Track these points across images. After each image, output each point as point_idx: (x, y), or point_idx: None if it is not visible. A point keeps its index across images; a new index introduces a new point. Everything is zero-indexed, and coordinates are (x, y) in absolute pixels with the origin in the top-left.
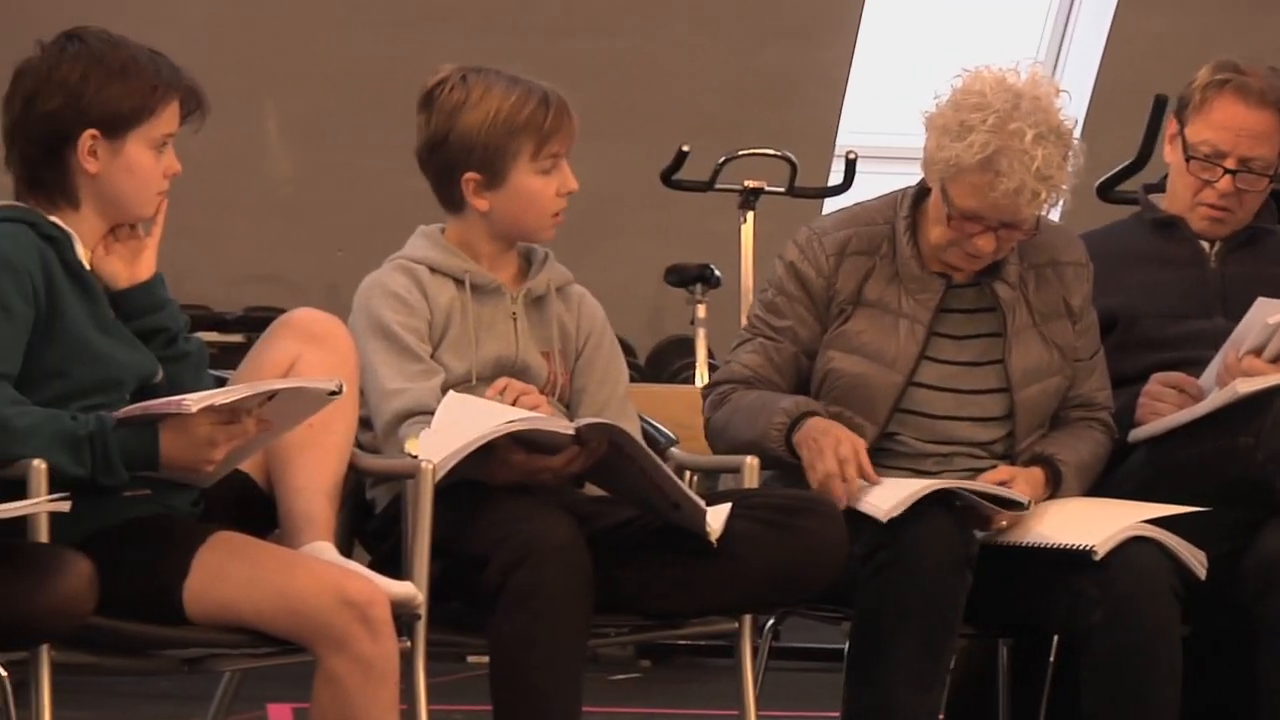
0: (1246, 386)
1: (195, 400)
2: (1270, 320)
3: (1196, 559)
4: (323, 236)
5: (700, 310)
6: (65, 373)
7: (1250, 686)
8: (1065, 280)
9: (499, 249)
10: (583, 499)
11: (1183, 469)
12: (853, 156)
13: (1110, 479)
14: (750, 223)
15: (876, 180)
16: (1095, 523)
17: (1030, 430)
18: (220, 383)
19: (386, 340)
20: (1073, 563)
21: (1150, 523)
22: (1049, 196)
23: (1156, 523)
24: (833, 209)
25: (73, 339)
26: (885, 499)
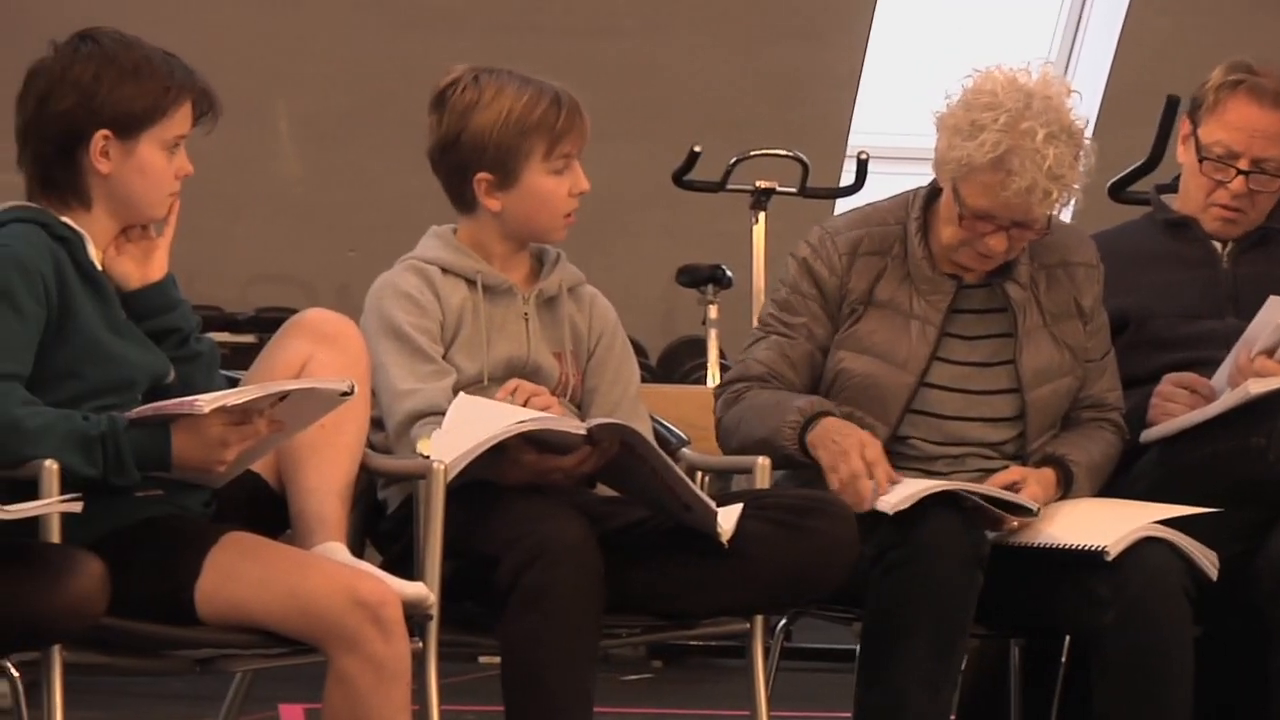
0: (1258, 387)
1: (207, 401)
2: None
3: (1208, 559)
4: (334, 237)
5: (712, 311)
6: (77, 373)
7: (1262, 687)
8: (1076, 280)
9: (511, 249)
10: (594, 499)
11: (1194, 470)
12: (864, 157)
13: (1122, 480)
14: (762, 223)
15: (888, 181)
16: (1107, 523)
17: (1041, 431)
18: (232, 383)
19: (398, 341)
20: (1084, 563)
21: (1162, 523)
22: (1060, 196)
23: (1168, 523)
24: (844, 209)
25: (85, 340)
26: (892, 495)
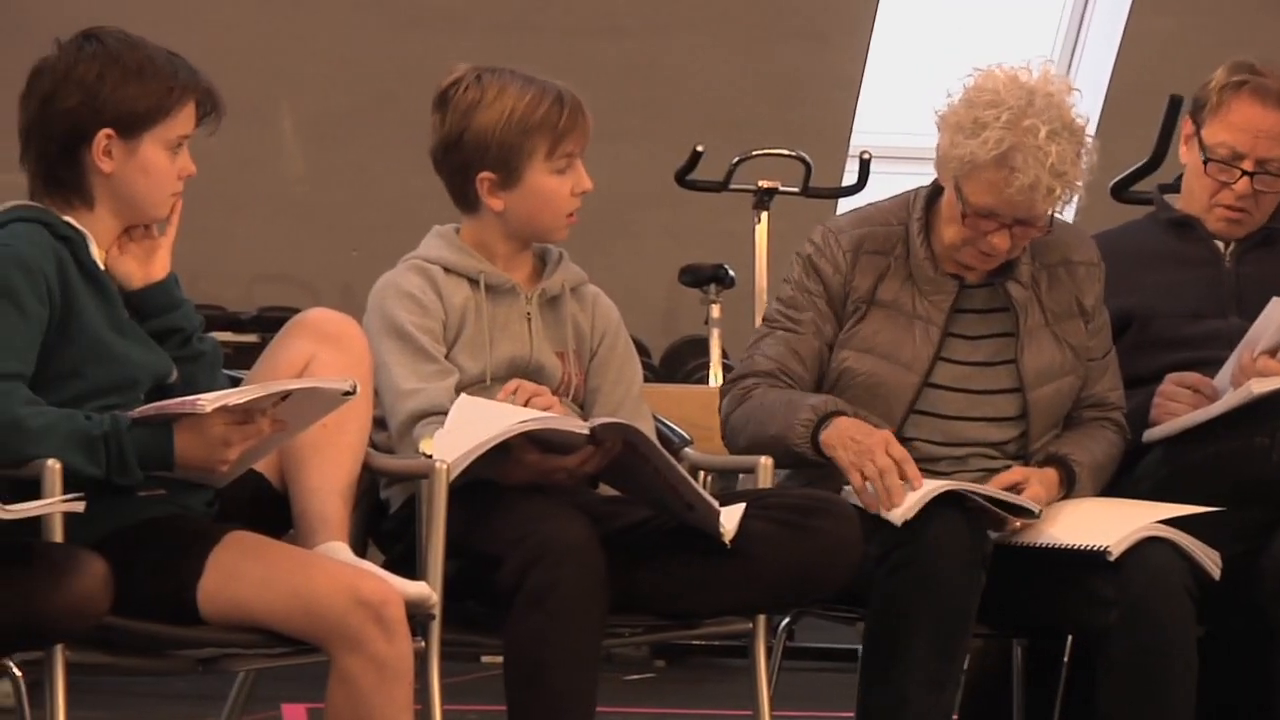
0: (1261, 387)
1: (210, 400)
2: None
3: (1210, 559)
4: (337, 237)
5: (714, 310)
6: (81, 373)
7: (1264, 687)
8: (1078, 279)
9: (514, 249)
10: (597, 499)
11: (1197, 469)
12: (867, 156)
13: (1125, 480)
14: (764, 223)
15: (890, 180)
16: (1110, 523)
17: (1044, 430)
18: (235, 383)
19: (401, 340)
20: (1087, 563)
21: (1165, 523)
22: (1064, 192)
23: (1171, 523)
24: (846, 209)
25: (88, 339)
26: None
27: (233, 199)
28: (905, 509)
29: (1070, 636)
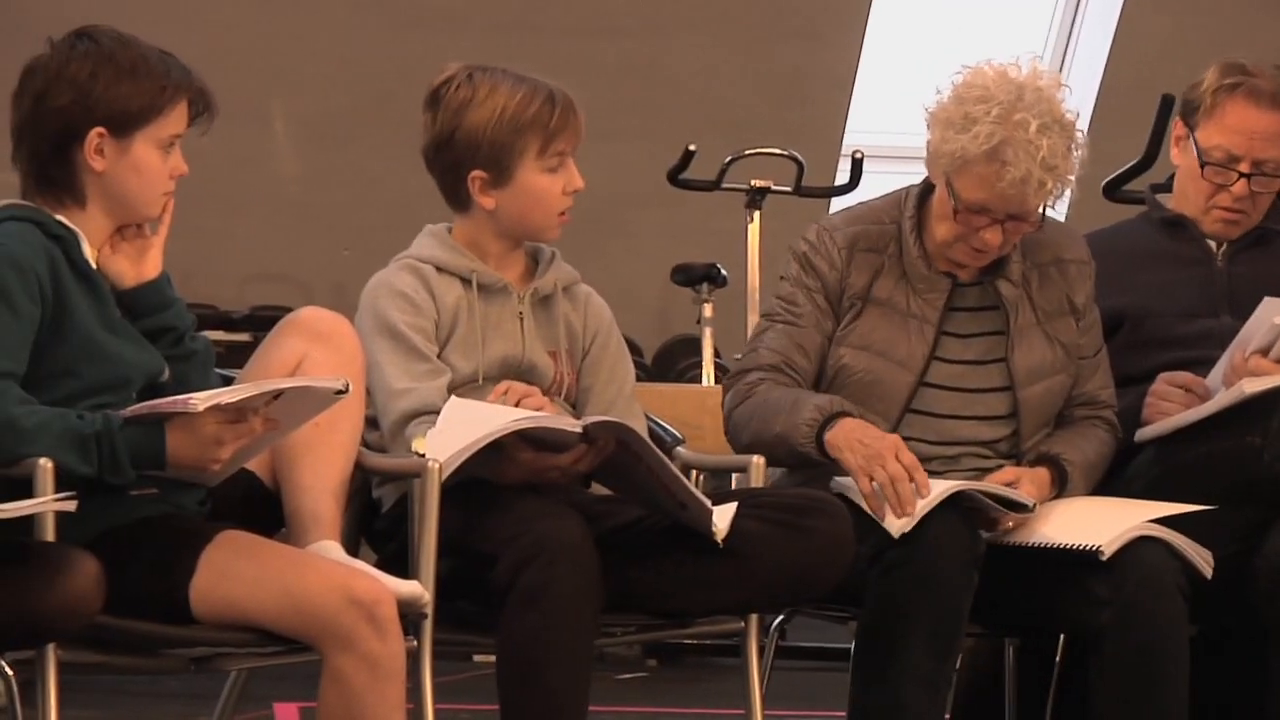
0: (1253, 386)
1: (202, 399)
2: (1277, 320)
3: (1203, 559)
4: (330, 236)
5: (707, 309)
6: (73, 372)
7: (1258, 686)
8: (1068, 278)
9: (506, 248)
10: (590, 498)
11: (1190, 469)
12: (859, 156)
13: (1118, 479)
14: (757, 222)
15: (882, 180)
16: (1102, 523)
17: (1035, 429)
18: (227, 381)
19: (393, 340)
20: (1080, 563)
21: (1157, 522)
22: (1055, 186)
23: (1163, 522)
24: (839, 208)
25: (80, 338)
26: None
27: (225, 198)
28: (907, 521)
29: (1063, 636)
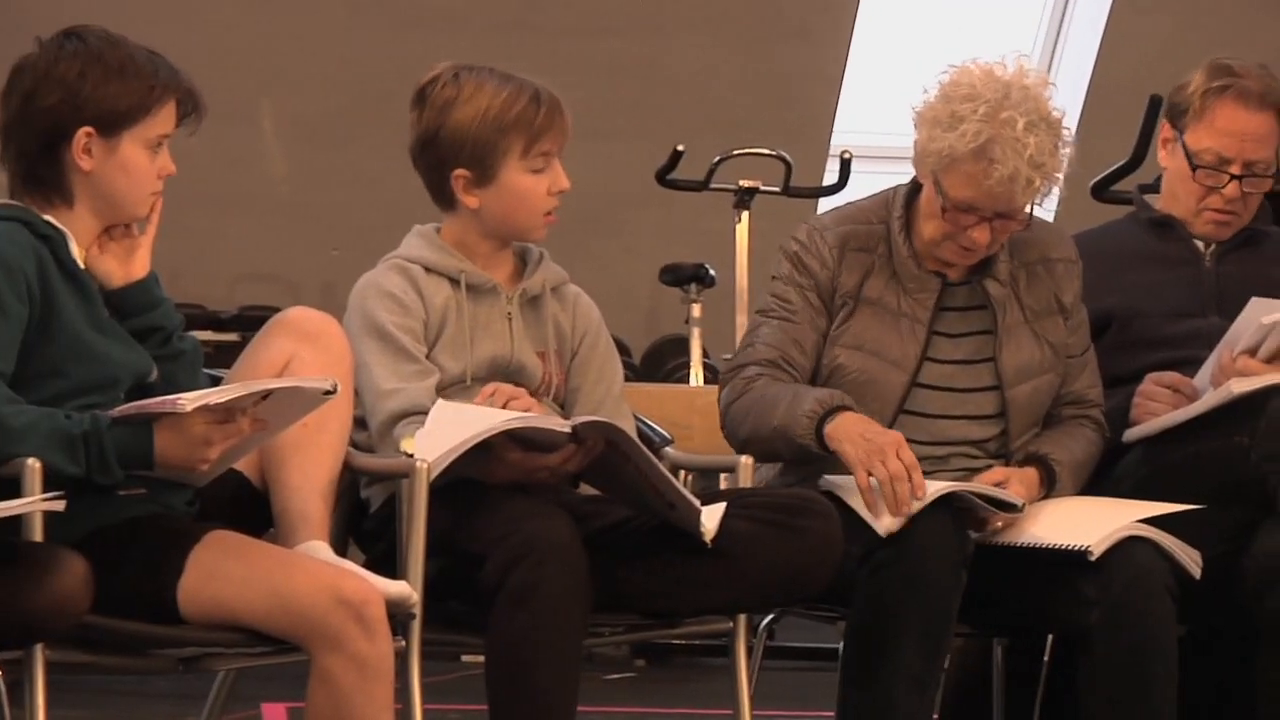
0: (1241, 386)
1: (190, 399)
2: (1265, 320)
3: (1191, 558)
4: (318, 236)
5: (695, 310)
6: (61, 372)
7: (1247, 687)
8: (1056, 277)
9: (493, 248)
10: (578, 498)
11: (1178, 469)
12: (848, 156)
13: (1106, 479)
14: (745, 222)
15: (871, 180)
16: (1091, 523)
17: (1024, 428)
18: (215, 382)
19: (382, 340)
20: (1069, 563)
21: (1146, 522)
22: (1042, 184)
23: (1152, 522)
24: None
25: (68, 338)
26: (885, 516)
27: (214, 198)
28: (895, 521)
29: (1051, 636)
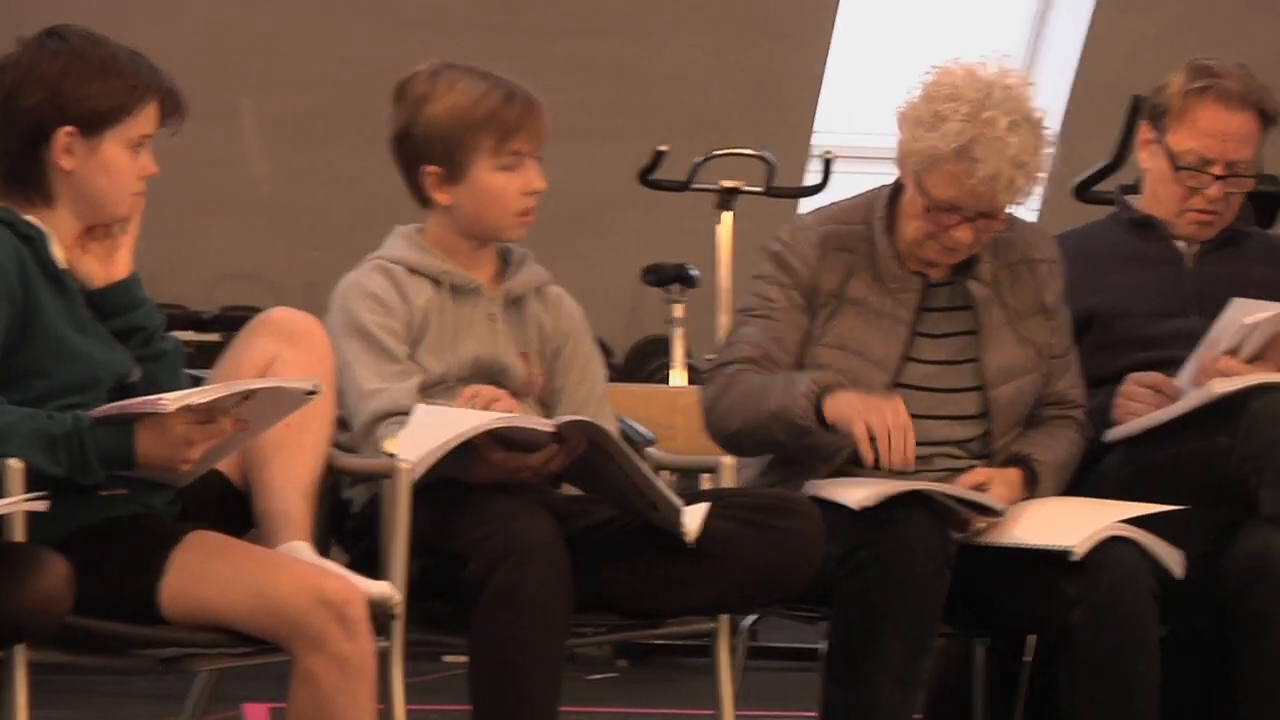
0: (1223, 387)
1: (172, 399)
2: (1246, 320)
3: (1174, 559)
4: (300, 236)
5: (678, 310)
6: (43, 372)
7: (1228, 686)
8: (1039, 277)
9: (472, 247)
10: (561, 498)
11: (1160, 469)
12: (829, 156)
13: (1088, 479)
14: (727, 222)
15: (852, 180)
16: (1073, 523)
17: (1006, 428)
18: (197, 382)
19: (364, 341)
20: (1052, 563)
21: (1128, 522)
22: (1025, 183)
23: (1134, 522)
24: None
25: (50, 338)
26: (857, 492)
27: (195, 198)
28: (864, 496)
29: (1034, 636)
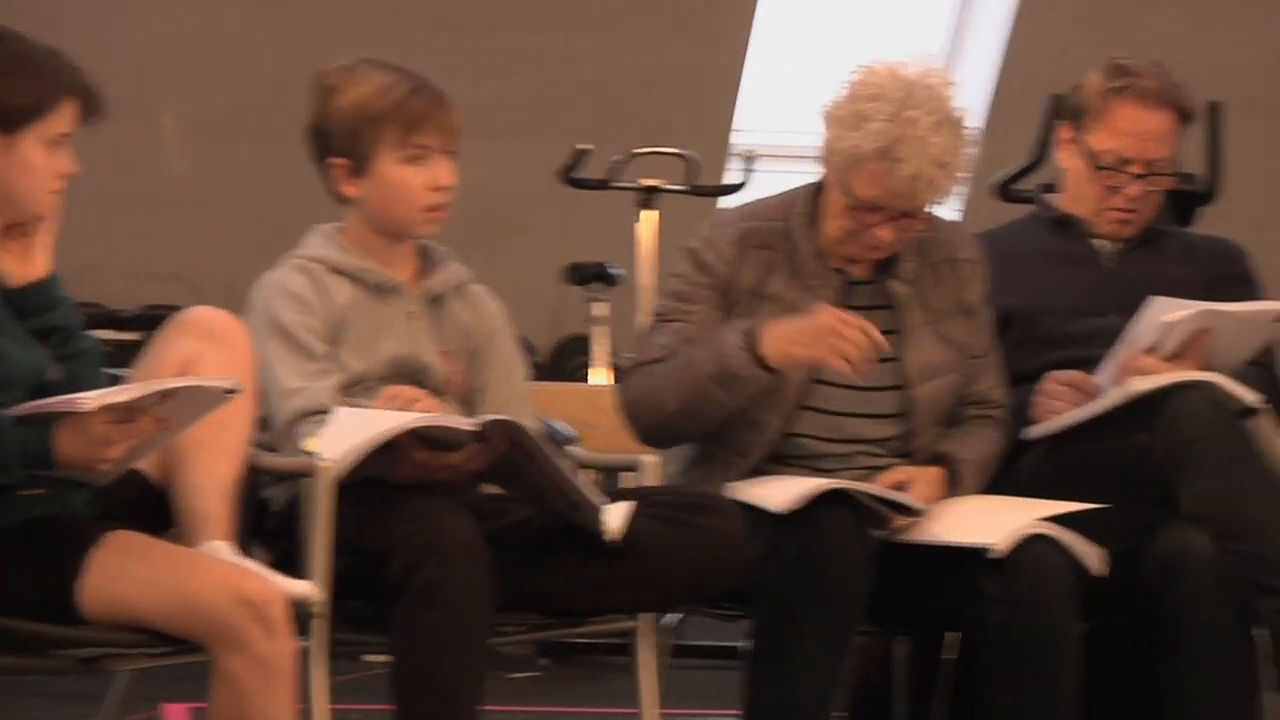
0: (1142, 385)
1: (91, 398)
2: (1165, 319)
3: (1094, 557)
4: (221, 235)
5: (599, 308)
6: None
7: (1150, 682)
8: (960, 277)
9: (388, 244)
10: (482, 497)
11: (1080, 467)
12: (750, 155)
13: (1007, 477)
14: (648, 221)
15: (774, 179)
16: (994, 521)
17: (927, 427)
18: (116, 381)
19: (284, 339)
20: (972, 561)
21: (1049, 520)
22: (947, 183)
23: (1055, 520)
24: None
25: None
26: (780, 493)
27: (115, 196)
28: (789, 500)
29: (955, 634)
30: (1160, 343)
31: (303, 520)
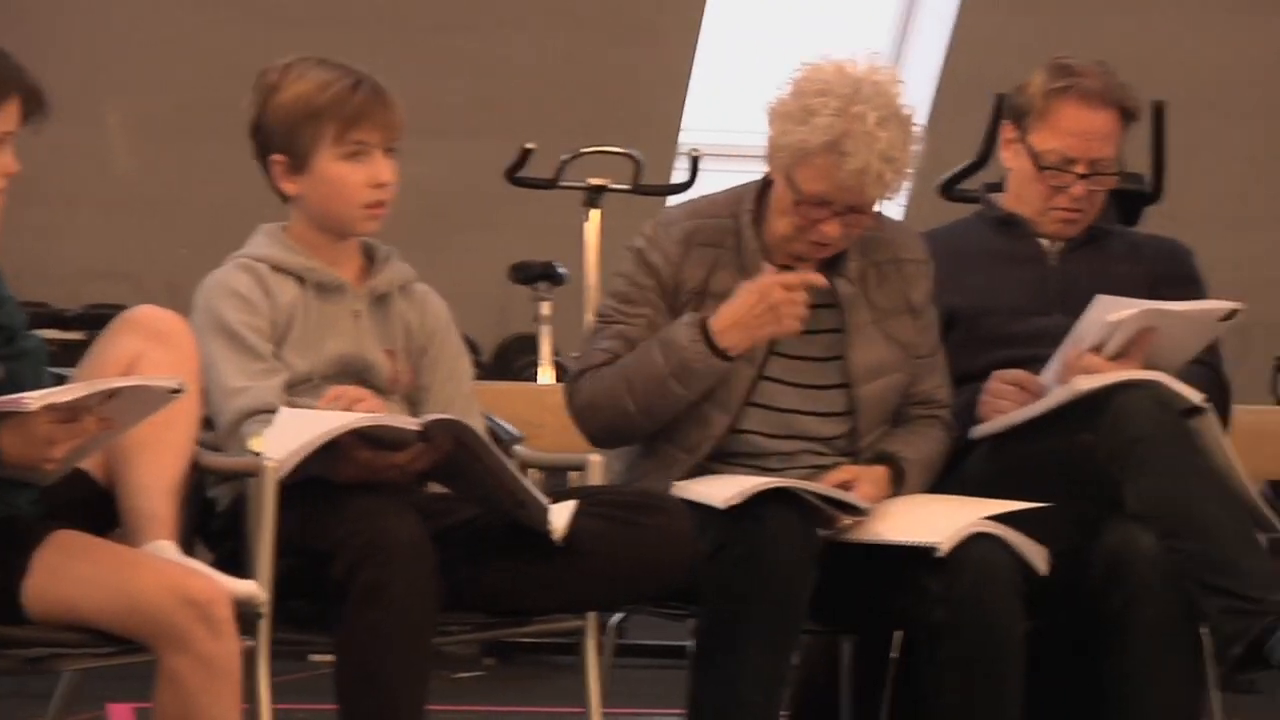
0: (1086, 384)
1: (35, 398)
2: (1109, 318)
3: (1038, 555)
4: (165, 233)
5: (545, 307)
6: None
7: (1094, 681)
8: (906, 276)
9: (331, 242)
10: (427, 497)
11: (1024, 466)
12: (696, 154)
13: (952, 476)
14: (594, 220)
15: (720, 178)
16: (939, 520)
17: (872, 426)
18: (60, 380)
19: (228, 339)
20: (916, 560)
21: (993, 519)
22: (894, 178)
23: (999, 519)
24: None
25: None
26: (724, 490)
27: (58, 195)
28: (732, 495)
29: (900, 633)
30: (1105, 342)
31: (247, 520)
